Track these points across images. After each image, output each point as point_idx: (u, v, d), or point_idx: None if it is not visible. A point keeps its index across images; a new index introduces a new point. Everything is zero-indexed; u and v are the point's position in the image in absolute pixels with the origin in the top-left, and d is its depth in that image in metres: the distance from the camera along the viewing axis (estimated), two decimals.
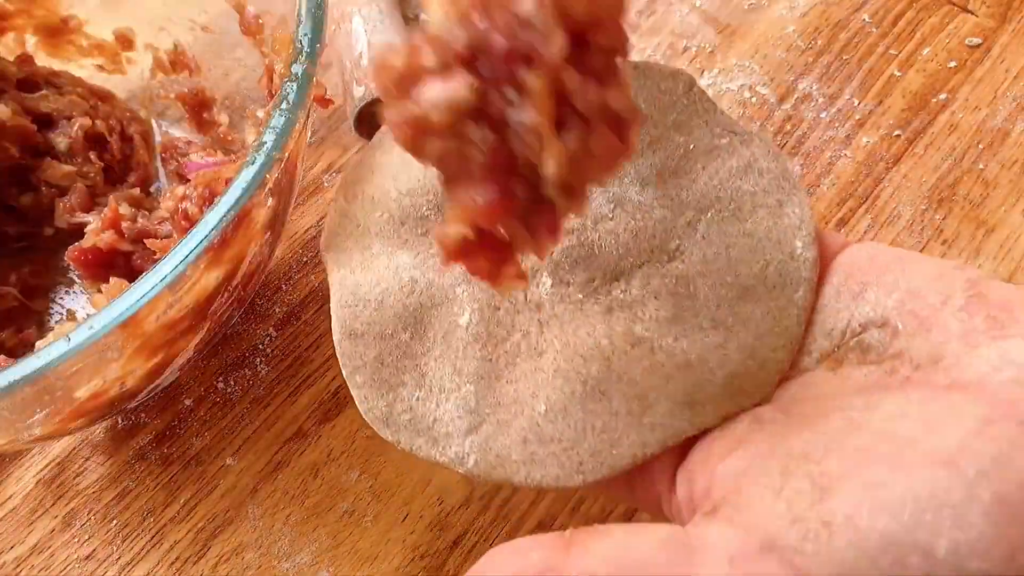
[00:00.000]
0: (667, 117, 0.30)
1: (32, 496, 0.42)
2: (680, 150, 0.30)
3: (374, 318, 0.29)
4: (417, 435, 0.28)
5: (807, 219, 0.29)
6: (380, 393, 0.29)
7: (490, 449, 0.28)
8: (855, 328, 0.27)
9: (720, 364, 0.28)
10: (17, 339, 0.44)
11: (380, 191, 0.30)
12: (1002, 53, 0.52)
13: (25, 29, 0.48)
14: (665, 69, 0.30)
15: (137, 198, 0.45)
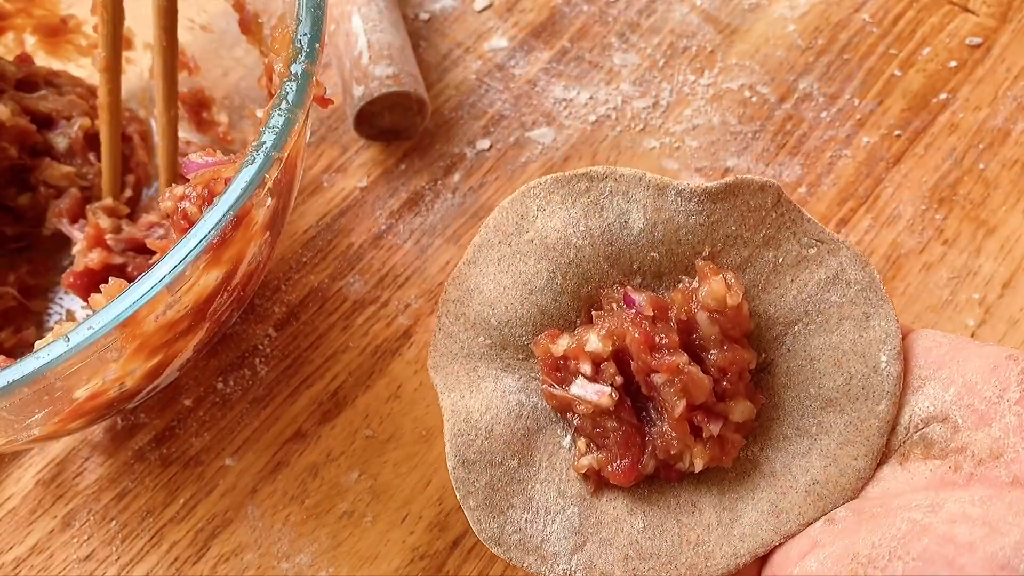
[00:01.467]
0: (757, 234, 0.31)
1: (31, 496, 0.41)
2: (770, 265, 0.31)
3: (485, 447, 0.30)
4: (527, 553, 0.30)
5: (893, 333, 0.30)
6: (492, 516, 0.30)
7: (595, 566, 0.29)
8: (917, 423, 0.29)
9: (803, 471, 0.30)
10: (16, 339, 0.44)
11: (480, 317, 0.31)
12: (1002, 53, 0.52)
13: (24, 29, 0.48)
14: (754, 183, 0.31)
15: (112, 208, 0.45)
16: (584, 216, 0.31)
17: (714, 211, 0.30)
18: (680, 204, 0.30)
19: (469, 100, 0.52)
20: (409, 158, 0.50)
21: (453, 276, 0.32)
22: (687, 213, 0.30)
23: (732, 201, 0.30)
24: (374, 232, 0.48)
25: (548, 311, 0.31)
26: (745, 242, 0.31)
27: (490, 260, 0.31)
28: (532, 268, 0.31)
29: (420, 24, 0.54)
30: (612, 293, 0.31)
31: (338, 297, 0.46)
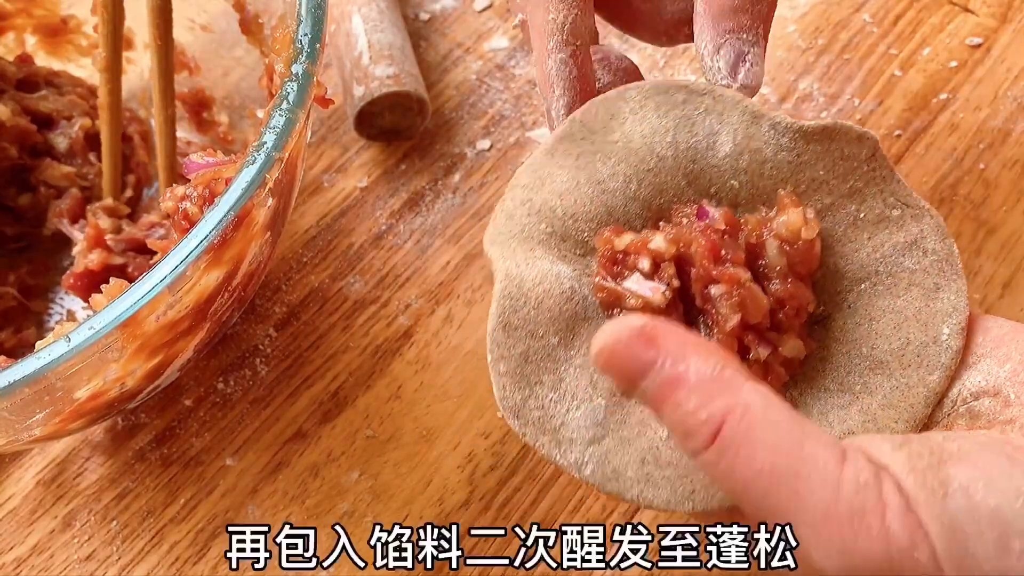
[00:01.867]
0: (844, 184, 0.30)
1: (32, 497, 0.41)
2: (850, 218, 0.30)
3: (530, 316, 0.29)
4: (543, 433, 0.29)
5: (960, 308, 0.30)
6: (519, 387, 0.29)
7: (608, 462, 0.29)
8: (966, 396, 0.28)
9: (840, 421, 0.29)
10: (16, 339, 0.44)
11: (546, 206, 0.31)
12: (1003, 53, 0.52)
13: (25, 29, 0.48)
14: (852, 132, 0.30)
15: (112, 208, 0.45)
16: (674, 128, 0.30)
17: (805, 151, 0.30)
18: (772, 137, 0.30)
19: (469, 100, 0.52)
20: (409, 158, 0.50)
21: (528, 163, 0.31)
22: (777, 148, 0.30)
23: (826, 145, 0.30)
24: (374, 232, 0.48)
25: (616, 214, 0.30)
26: (830, 189, 0.30)
27: (569, 153, 0.31)
28: (610, 169, 0.30)
29: (420, 24, 0.54)
30: (684, 209, 0.30)
31: (338, 297, 0.46)
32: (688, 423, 0.24)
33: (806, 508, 0.23)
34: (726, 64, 0.29)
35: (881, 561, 0.22)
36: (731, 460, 0.23)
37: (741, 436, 0.23)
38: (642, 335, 0.24)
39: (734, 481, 0.23)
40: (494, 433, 0.42)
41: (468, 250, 0.47)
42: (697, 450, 0.24)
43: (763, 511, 0.23)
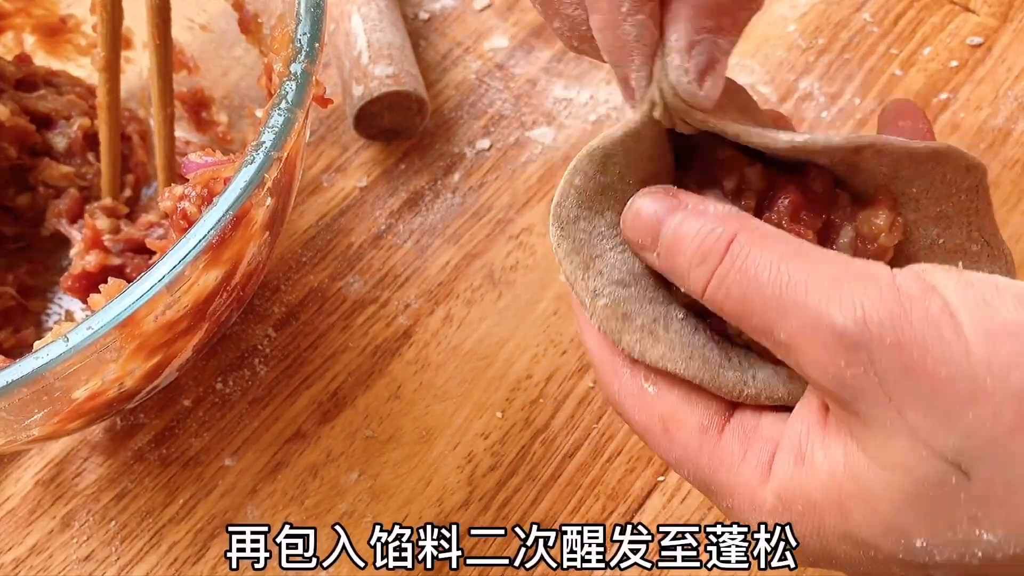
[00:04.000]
0: (935, 207, 0.29)
1: (31, 497, 0.41)
2: (928, 240, 0.29)
3: (621, 158, 0.29)
4: (576, 252, 0.29)
5: None
6: (579, 203, 0.29)
7: (622, 305, 0.28)
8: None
9: None
10: (15, 339, 0.44)
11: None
12: (1003, 52, 0.51)
13: (24, 28, 0.48)
14: (962, 161, 0.28)
15: (111, 207, 0.45)
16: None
17: (906, 167, 0.28)
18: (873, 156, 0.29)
19: (469, 100, 0.52)
20: (409, 158, 0.50)
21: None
22: (878, 164, 0.28)
23: (931, 166, 0.28)
24: (374, 232, 0.48)
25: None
26: (917, 207, 0.29)
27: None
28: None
29: (420, 24, 0.54)
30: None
31: (338, 297, 0.46)
32: (704, 242, 0.25)
33: (819, 276, 0.23)
34: (696, 67, 0.26)
35: (892, 307, 0.22)
36: (742, 261, 0.24)
37: (753, 240, 0.24)
38: (668, 190, 0.27)
39: (745, 284, 0.24)
40: (493, 433, 0.42)
41: (468, 250, 0.47)
42: (709, 271, 0.24)
43: (772, 302, 0.23)
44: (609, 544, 0.30)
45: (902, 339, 0.21)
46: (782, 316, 0.23)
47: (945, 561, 0.22)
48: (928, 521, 0.22)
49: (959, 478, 0.21)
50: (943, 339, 0.21)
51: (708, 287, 0.25)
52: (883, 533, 0.22)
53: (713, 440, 0.26)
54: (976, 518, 0.21)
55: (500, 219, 0.48)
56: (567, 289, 0.45)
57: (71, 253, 0.43)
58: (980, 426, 0.21)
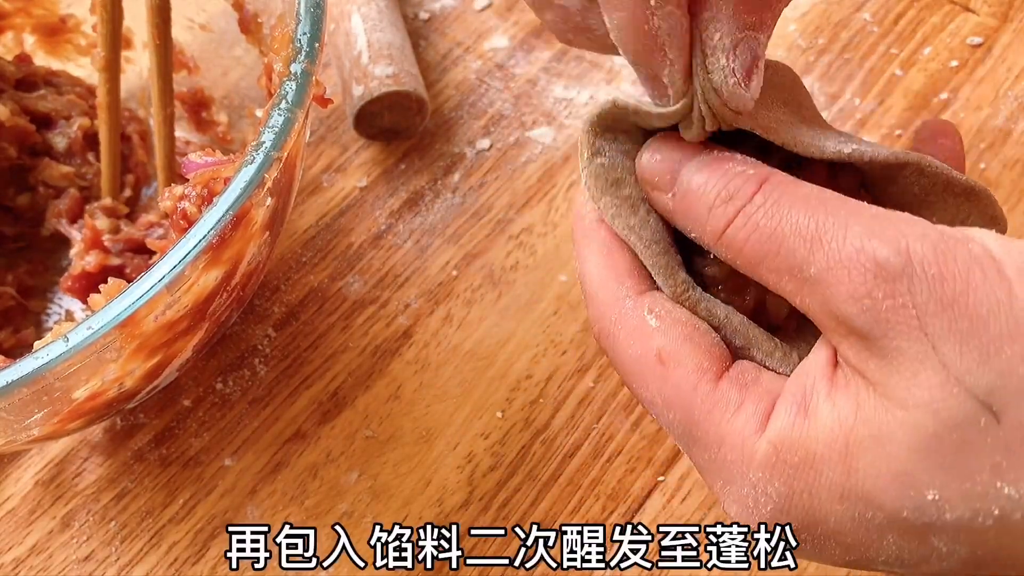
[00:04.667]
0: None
1: (30, 497, 0.41)
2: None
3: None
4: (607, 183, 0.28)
5: None
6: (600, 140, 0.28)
7: (610, 177, 0.28)
8: None
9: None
10: (15, 339, 0.44)
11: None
12: (1003, 52, 0.51)
13: (23, 28, 0.48)
14: (990, 209, 0.27)
15: (111, 207, 0.45)
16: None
17: (938, 192, 0.28)
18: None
19: (469, 100, 0.52)
20: (409, 158, 0.50)
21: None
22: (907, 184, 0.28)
23: (960, 200, 0.27)
24: (374, 232, 0.48)
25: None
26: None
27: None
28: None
29: (420, 23, 0.54)
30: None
31: (338, 297, 0.46)
32: (732, 182, 0.24)
33: (860, 214, 0.22)
34: (742, 66, 0.24)
35: (936, 242, 0.21)
36: (775, 201, 0.23)
37: (786, 184, 0.24)
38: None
39: (777, 220, 0.23)
40: (493, 434, 0.42)
41: (468, 250, 0.47)
42: (734, 210, 0.24)
43: (806, 235, 0.22)
44: (609, 544, 0.30)
45: (944, 272, 0.21)
46: (816, 249, 0.22)
47: (955, 520, 0.21)
48: (946, 469, 0.21)
49: (988, 420, 0.20)
50: (986, 277, 0.21)
51: (731, 225, 0.24)
52: (891, 484, 0.21)
53: (710, 383, 0.25)
54: (1000, 468, 0.20)
55: (500, 219, 0.48)
56: (567, 289, 0.45)
57: (71, 253, 0.43)
58: (1017, 366, 0.20)
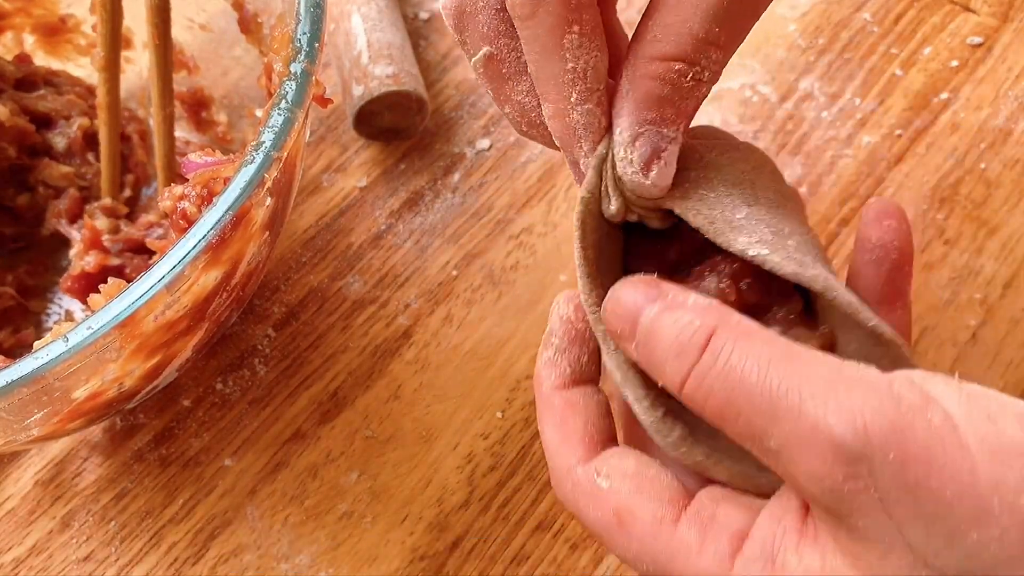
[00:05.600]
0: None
1: (30, 497, 0.41)
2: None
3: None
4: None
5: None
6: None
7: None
8: None
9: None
10: (15, 339, 0.44)
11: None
12: (1004, 52, 0.51)
13: (23, 28, 0.48)
14: (899, 359, 0.26)
15: (110, 207, 0.45)
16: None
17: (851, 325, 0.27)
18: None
19: (469, 99, 0.52)
20: (409, 158, 0.50)
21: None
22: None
23: (870, 341, 0.27)
24: (374, 232, 0.48)
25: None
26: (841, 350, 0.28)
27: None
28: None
29: (420, 23, 0.54)
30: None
31: (338, 297, 0.46)
32: (681, 337, 0.24)
33: (813, 380, 0.22)
34: (640, 158, 0.26)
35: (894, 418, 0.21)
36: (725, 358, 0.23)
37: (734, 336, 0.23)
38: (650, 281, 0.26)
39: (728, 383, 0.23)
40: (493, 434, 0.42)
41: (468, 250, 0.47)
42: (687, 367, 0.24)
43: (760, 406, 0.22)
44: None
45: (906, 454, 0.20)
46: (773, 422, 0.22)
47: None
48: None
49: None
50: (948, 455, 0.20)
51: (686, 384, 0.24)
52: None
53: (669, 530, 0.25)
54: None
55: (500, 219, 0.48)
56: (565, 288, 0.45)
57: (71, 253, 0.43)
58: (983, 549, 0.20)
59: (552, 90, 0.27)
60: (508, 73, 0.28)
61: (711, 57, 0.26)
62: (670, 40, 0.26)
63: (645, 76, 0.26)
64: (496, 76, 0.28)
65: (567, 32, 0.25)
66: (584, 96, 0.27)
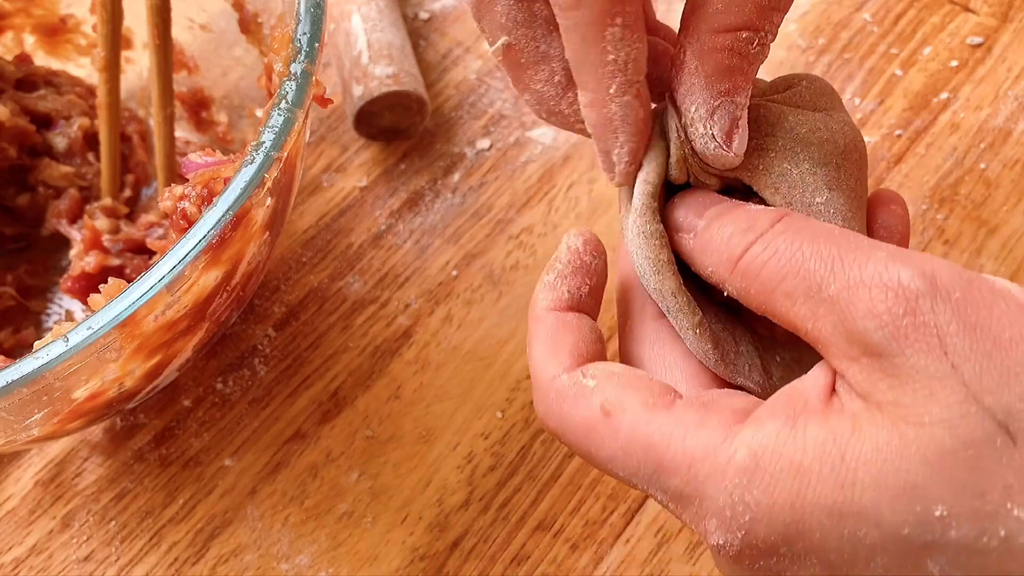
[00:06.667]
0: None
1: (30, 497, 0.41)
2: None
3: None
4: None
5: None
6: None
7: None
8: None
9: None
10: (15, 339, 0.44)
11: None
12: (1003, 52, 0.51)
13: (24, 28, 0.48)
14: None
15: (111, 208, 0.45)
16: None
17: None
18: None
19: (469, 99, 0.52)
20: (409, 158, 0.50)
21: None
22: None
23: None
24: (374, 232, 0.48)
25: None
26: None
27: None
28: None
29: (420, 23, 0.54)
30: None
31: (338, 297, 0.46)
32: (753, 215, 0.25)
33: (882, 244, 0.23)
34: (721, 131, 0.26)
35: (960, 272, 0.22)
36: (795, 230, 0.24)
37: (805, 219, 0.24)
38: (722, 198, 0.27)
39: (799, 244, 0.23)
40: (494, 433, 0.42)
41: (468, 250, 0.47)
42: (757, 233, 0.24)
43: (828, 256, 0.23)
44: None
45: (968, 297, 0.21)
46: (838, 270, 0.22)
47: (958, 539, 0.21)
48: (958, 486, 0.20)
49: (1004, 441, 0.20)
50: (1009, 309, 0.21)
51: (749, 251, 0.24)
52: (897, 498, 0.21)
53: (663, 411, 0.24)
54: (1011, 490, 0.20)
55: (500, 219, 0.48)
56: None
57: (71, 254, 0.43)
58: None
59: (591, 80, 0.26)
60: (527, 62, 0.28)
61: (773, 20, 0.26)
62: (733, 10, 0.26)
63: (713, 49, 0.26)
64: (515, 64, 0.28)
65: (610, 24, 0.25)
66: (624, 88, 0.26)
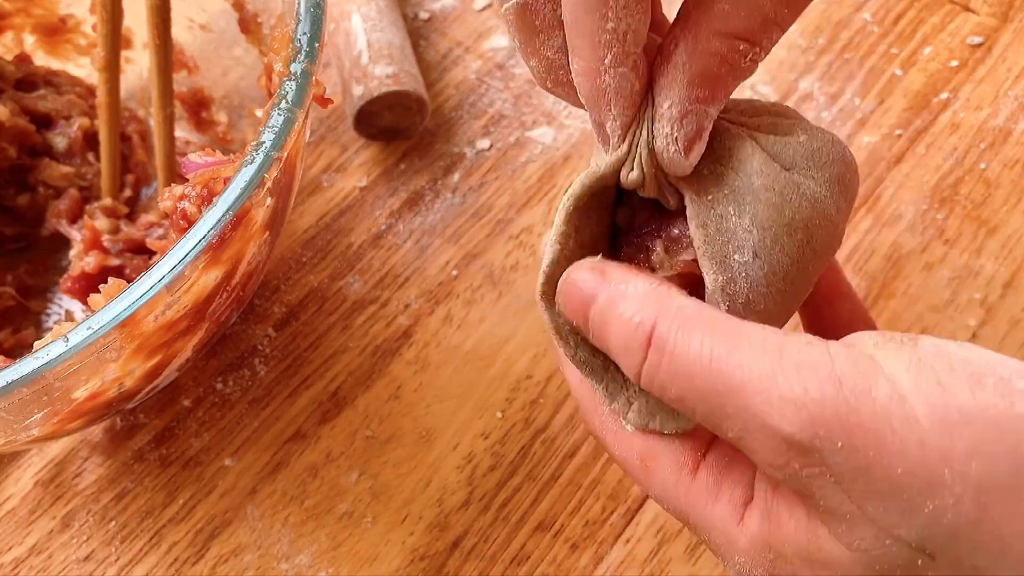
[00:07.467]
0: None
1: (30, 497, 0.41)
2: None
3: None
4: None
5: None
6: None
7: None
8: None
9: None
10: (15, 339, 0.44)
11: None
12: (1004, 52, 0.51)
13: (23, 28, 0.48)
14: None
15: (111, 208, 0.45)
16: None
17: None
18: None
19: (469, 99, 0.52)
20: (409, 158, 0.50)
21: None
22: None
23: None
24: (374, 232, 0.48)
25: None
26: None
27: None
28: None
29: (420, 23, 0.54)
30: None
31: (338, 297, 0.46)
32: (625, 332, 0.24)
33: (755, 372, 0.22)
34: (685, 136, 0.25)
35: (838, 406, 0.21)
36: (669, 354, 0.23)
37: (675, 328, 0.23)
38: (595, 266, 0.26)
39: (676, 379, 0.23)
40: (494, 434, 0.42)
41: (468, 250, 0.47)
42: (637, 364, 0.24)
43: (711, 400, 0.22)
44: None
45: (853, 440, 0.21)
46: (726, 417, 0.22)
47: None
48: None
49: (925, 560, 0.21)
50: (895, 433, 0.20)
51: (641, 380, 0.24)
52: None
53: (688, 476, 0.27)
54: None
55: (500, 219, 0.48)
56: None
57: (71, 254, 0.43)
58: (940, 518, 0.20)
59: (587, 47, 0.25)
60: (541, 26, 0.26)
61: (771, 38, 0.26)
62: (740, 15, 0.25)
63: (707, 52, 0.25)
64: (527, 27, 0.27)
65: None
66: (620, 59, 0.25)
